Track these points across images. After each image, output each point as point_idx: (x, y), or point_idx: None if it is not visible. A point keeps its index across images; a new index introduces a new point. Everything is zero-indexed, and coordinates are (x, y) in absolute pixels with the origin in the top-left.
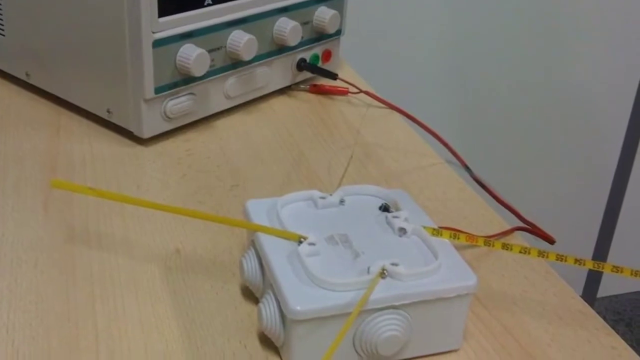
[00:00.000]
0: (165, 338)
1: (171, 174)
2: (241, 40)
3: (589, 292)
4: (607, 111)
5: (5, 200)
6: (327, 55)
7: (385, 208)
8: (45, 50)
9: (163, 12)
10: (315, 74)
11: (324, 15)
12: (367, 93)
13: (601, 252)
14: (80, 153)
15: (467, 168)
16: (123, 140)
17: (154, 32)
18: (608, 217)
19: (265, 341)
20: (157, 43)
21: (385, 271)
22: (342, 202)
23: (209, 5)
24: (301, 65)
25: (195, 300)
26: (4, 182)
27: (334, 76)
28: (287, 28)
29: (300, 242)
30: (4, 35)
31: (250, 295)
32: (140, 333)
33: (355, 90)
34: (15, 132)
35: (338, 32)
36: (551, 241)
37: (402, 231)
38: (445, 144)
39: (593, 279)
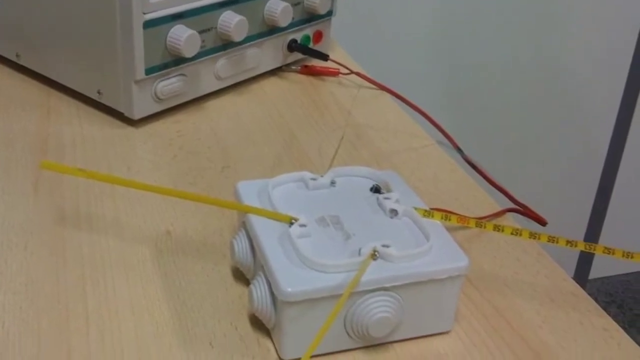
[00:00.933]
0: (156, 320)
1: (162, 155)
2: (232, 21)
3: (581, 274)
4: (599, 93)
5: None
6: (318, 36)
7: (376, 189)
8: (36, 31)
9: None
10: (306, 55)
11: None
12: (358, 74)
13: (593, 233)
14: (70, 134)
15: (458, 149)
16: (113, 122)
17: (144, 13)
18: (600, 199)
19: (256, 323)
20: (148, 24)
21: (376, 253)
22: (333, 183)
23: None
24: (292, 46)
25: (186, 282)
26: None
27: (325, 57)
28: (278, 9)
29: (291, 224)
30: None
31: (241, 276)
32: (131, 315)
33: (346, 71)
34: (5, 114)
35: (329, 13)
36: (543, 223)
37: (393, 212)
38: (437, 125)
39: (585, 261)
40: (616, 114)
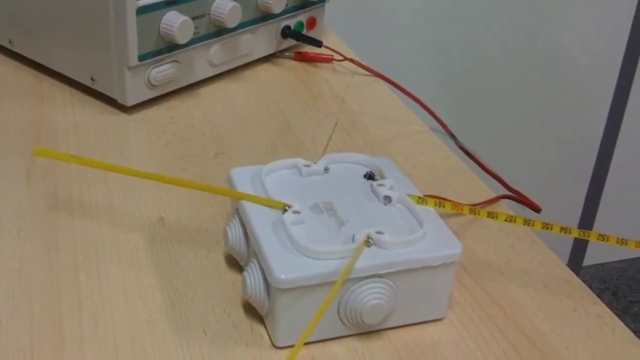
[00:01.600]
0: (149, 307)
1: (155, 141)
2: (225, 7)
3: (575, 261)
4: (594, 78)
5: None
6: (312, 22)
7: (370, 176)
8: (29, 18)
9: None
10: (299, 41)
11: None
12: (351, 61)
13: (587, 220)
14: (63, 121)
15: (452, 136)
16: (107, 108)
17: None
18: (594, 185)
19: (250, 310)
20: (141, 10)
21: (370, 239)
22: (326, 170)
23: None
24: (286, 33)
25: (179, 269)
26: None
27: (318, 44)
28: None
29: (285, 211)
30: None
31: (235, 263)
32: (124, 302)
33: (340, 57)
34: None
35: (322, 0)
36: (537, 209)
37: (387, 199)
38: (431, 112)
39: (579, 248)
40: (610, 100)
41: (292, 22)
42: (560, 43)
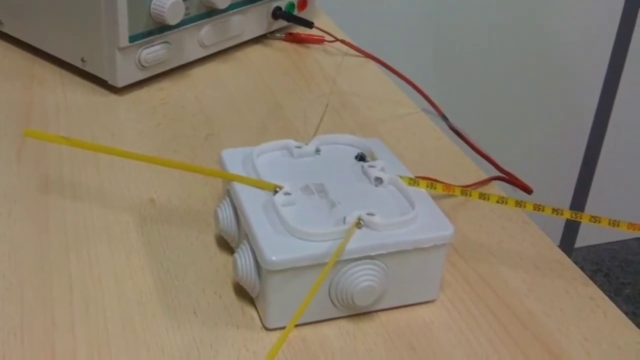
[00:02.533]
0: (140, 288)
1: (146, 123)
2: None
3: (567, 242)
4: (586, 61)
5: None
6: (303, 3)
7: (361, 157)
8: None
9: None
10: (290, 22)
11: None
12: (343, 42)
13: (579, 201)
14: (54, 102)
15: (444, 117)
16: (97, 89)
17: None
18: (586, 167)
19: (241, 292)
20: None
21: (361, 221)
22: (318, 151)
23: None
24: (277, 14)
25: (170, 250)
26: None
27: (309, 25)
28: None
29: (276, 192)
30: None
31: (226, 245)
32: (114, 283)
33: (331, 38)
34: None
35: None
36: (529, 191)
37: (379, 181)
38: (422, 93)
39: (571, 229)
40: (602, 82)
41: (283, 3)
42: (552, 25)
